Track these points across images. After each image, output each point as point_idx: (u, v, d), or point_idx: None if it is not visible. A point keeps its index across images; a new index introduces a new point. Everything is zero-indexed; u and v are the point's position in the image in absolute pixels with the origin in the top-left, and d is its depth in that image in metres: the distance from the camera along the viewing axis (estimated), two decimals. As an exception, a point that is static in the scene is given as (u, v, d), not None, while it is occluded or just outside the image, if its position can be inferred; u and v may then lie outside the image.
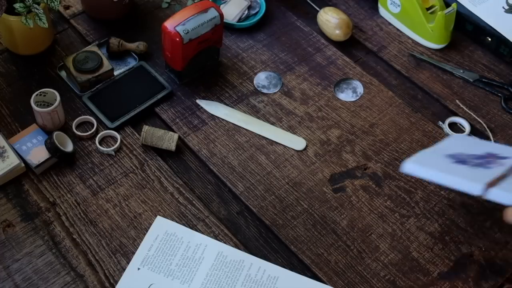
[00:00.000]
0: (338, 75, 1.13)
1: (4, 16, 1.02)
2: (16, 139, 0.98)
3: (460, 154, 0.94)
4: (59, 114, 1.00)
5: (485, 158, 0.93)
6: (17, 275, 0.86)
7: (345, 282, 0.89)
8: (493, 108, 1.11)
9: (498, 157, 0.94)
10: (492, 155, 0.94)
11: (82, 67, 1.05)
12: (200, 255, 0.89)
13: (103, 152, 1.00)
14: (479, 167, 0.90)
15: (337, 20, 1.17)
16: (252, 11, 1.21)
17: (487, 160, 0.92)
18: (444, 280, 0.90)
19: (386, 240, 0.93)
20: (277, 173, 0.99)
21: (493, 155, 0.94)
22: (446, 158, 0.92)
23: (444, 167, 0.89)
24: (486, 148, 0.98)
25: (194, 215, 0.94)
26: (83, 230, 0.91)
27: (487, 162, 0.92)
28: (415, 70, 1.16)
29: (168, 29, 1.01)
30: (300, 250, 0.91)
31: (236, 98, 1.09)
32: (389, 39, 1.21)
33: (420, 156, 0.94)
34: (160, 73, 1.10)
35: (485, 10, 1.18)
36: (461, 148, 0.97)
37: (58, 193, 0.95)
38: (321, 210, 0.96)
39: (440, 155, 0.94)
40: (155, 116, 1.06)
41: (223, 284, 0.86)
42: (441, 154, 0.94)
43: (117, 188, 0.96)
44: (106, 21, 1.18)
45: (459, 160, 0.91)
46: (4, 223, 0.91)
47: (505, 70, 1.16)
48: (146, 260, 0.88)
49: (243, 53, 1.16)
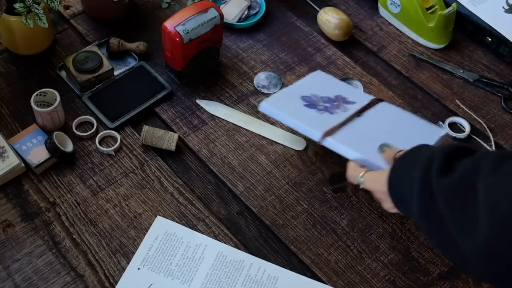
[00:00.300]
0: (338, 75, 1.13)
1: (4, 16, 1.02)
2: (16, 139, 0.98)
3: (313, 96, 1.00)
4: (59, 114, 1.00)
5: (334, 102, 0.99)
6: (17, 275, 0.86)
7: (345, 282, 0.89)
8: (493, 108, 1.11)
9: (346, 101, 1.00)
10: (341, 98, 1.00)
11: (82, 67, 1.05)
12: (200, 255, 0.89)
13: (103, 152, 1.00)
14: (326, 111, 0.96)
15: (337, 20, 1.17)
16: (252, 11, 1.21)
17: (335, 104, 0.98)
18: (444, 280, 0.90)
19: (386, 240, 0.93)
20: (277, 173, 0.99)
21: (342, 99, 1.00)
22: (299, 100, 0.99)
23: (293, 111, 0.97)
24: (338, 90, 1.03)
25: (194, 215, 0.94)
26: (83, 230, 0.91)
27: (334, 107, 0.98)
28: (415, 70, 1.16)
29: (168, 29, 1.01)
30: (300, 250, 0.91)
31: (236, 98, 1.09)
32: (389, 39, 1.21)
33: (276, 96, 1.02)
34: (160, 73, 1.10)
35: (485, 10, 1.19)
36: (317, 88, 1.03)
37: (58, 193, 0.95)
38: (321, 210, 0.96)
39: (295, 96, 1.00)
40: (155, 116, 1.06)
41: (223, 284, 0.86)
42: (296, 95, 1.01)
43: (117, 188, 0.96)
44: (106, 21, 1.18)
45: (310, 103, 0.99)
46: (4, 223, 0.91)
47: (505, 70, 1.16)
48: (146, 260, 0.88)
49: (243, 53, 1.16)
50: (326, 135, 0.91)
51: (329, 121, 0.94)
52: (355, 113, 0.97)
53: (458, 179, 0.67)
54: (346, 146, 0.90)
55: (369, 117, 0.98)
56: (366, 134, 0.94)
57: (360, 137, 0.93)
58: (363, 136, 0.93)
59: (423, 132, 0.97)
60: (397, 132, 0.96)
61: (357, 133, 0.94)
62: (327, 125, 0.93)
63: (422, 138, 0.92)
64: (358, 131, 0.95)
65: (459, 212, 0.66)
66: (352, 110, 0.98)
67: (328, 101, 1.00)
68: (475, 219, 0.63)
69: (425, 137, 0.95)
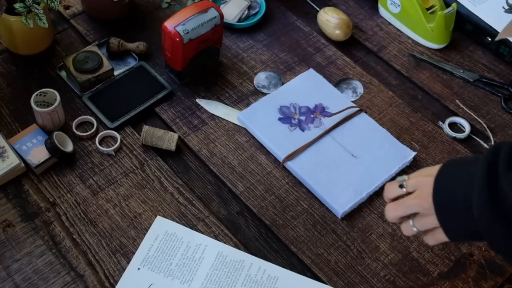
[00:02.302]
0: (338, 75, 1.13)
1: (4, 16, 1.02)
2: (16, 139, 0.98)
3: (292, 105, 1.05)
4: (59, 114, 1.00)
5: (311, 114, 1.03)
6: (17, 275, 0.86)
7: (345, 282, 0.89)
8: (493, 108, 1.11)
9: (324, 111, 1.04)
10: (320, 108, 1.04)
11: (82, 67, 1.05)
12: (200, 255, 0.89)
13: (103, 152, 1.00)
14: (297, 127, 1.02)
15: (337, 20, 1.17)
16: (252, 11, 1.21)
17: (311, 117, 1.03)
18: (444, 280, 0.90)
19: (386, 240, 0.93)
20: (277, 173, 0.99)
21: (322, 108, 1.04)
22: (276, 112, 1.04)
23: (264, 127, 1.02)
24: (321, 97, 1.07)
25: (194, 215, 0.94)
26: (83, 230, 0.91)
27: (309, 120, 1.02)
28: (415, 70, 1.16)
29: (168, 29, 1.01)
30: (300, 250, 0.91)
31: (236, 98, 1.09)
32: (389, 39, 1.21)
33: (255, 106, 1.05)
34: (160, 73, 1.10)
35: (485, 10, 1.19)
36: (300, 94, 1.07)
37: (58, 193, 0.95)
38: (321, 210, 0.96)
39: (274, 106, 1.05)
40: (155, 116, 1.06)
41: (223, 284, 0.86)
42: (275, 105, 1.05)
43: (117, 188, 0.96)
44: (106, 21, 1.18)
45: (285, 115, 1.03)
46: (4, 223, 0.91)
47: (505, 70, 1.16)
48: (146, 260, 0.88)
49: (243, 53, 1.16)
50: (288, 159, 0.98)
51: (295, 142, 1.00)
52: (325, 132, 1.02)
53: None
54: (301, 173, 0.97)
55: (338, 135, 1.02)
56: (327, 159, 0.99)
57: (318, 164, 0.98)
58: (321, 163, 0.98)
59: (392, 151, 1.01)
60: (366, 147, 1.01)
61: (317, 159, 0.99)
62: (291, 147, 0.99)
63: (390, 156, 0.99)
64: (319, 155, 0.99)
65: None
66: (324, 126, 1.02)
67: (305, 113, 1.04)
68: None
69: (393, 156, 1.00)
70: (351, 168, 0.98)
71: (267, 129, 1.02)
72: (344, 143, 1.01)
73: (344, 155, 0.99)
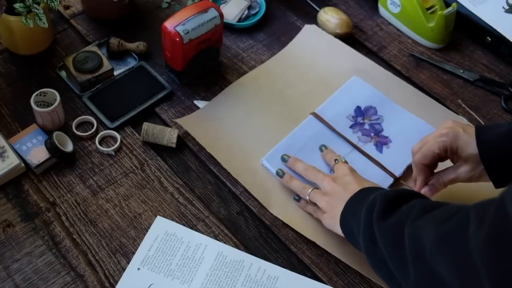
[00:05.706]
0: (338, 75, 1.13)
1: (4, 16, 1.02)
2: (16, 139, 0.98)
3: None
4: (59, 114, 1.00)
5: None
6: (17, 275, 0.86)
7: (345, 282, 0.88)
8: (493, 108, 1.11)
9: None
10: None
11: (82, 67, 1.05)
12: (200, 255, 0.89)
13: (103, 152, 1.00)
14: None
15: (337, 20, 1.17)
16: (252, 11, 1.21)
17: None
18: (444, 280, 0.89)
19: (386, 240, 0.93)
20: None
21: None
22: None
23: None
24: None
25: (194, 215, 0.94)
26: (83, 230, 0.91)
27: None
28: (415, 70, 1.16)
29: (168, 29, 1.01)
30: (300, 250, 0.91)
31: (236, 98, 1.09)
32: (389, 39, 1.21)
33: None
34: (160, 73, 1.10)
35: (485, 10, 1.18)
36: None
37: (58, 193, 0.95)
38: (321, 210, 0.96)
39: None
40: (155, 116, 1.06)
41: (223, 284, 0.86)
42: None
43: (117, 188, 0.96)
44: (106, 21, 1.18)
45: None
46: (4, 223, 0.91)
47: (505, 70, 1.16)
48: (146, 260, 0.88)
49: (243, 53, 1.16)
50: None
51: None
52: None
53: (394, 224, 0.72)
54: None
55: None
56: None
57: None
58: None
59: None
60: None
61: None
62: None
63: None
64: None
65: (395, 254, 0.71)
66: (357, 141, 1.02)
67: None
68: (406, 263, 0.68)
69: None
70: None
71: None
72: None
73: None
